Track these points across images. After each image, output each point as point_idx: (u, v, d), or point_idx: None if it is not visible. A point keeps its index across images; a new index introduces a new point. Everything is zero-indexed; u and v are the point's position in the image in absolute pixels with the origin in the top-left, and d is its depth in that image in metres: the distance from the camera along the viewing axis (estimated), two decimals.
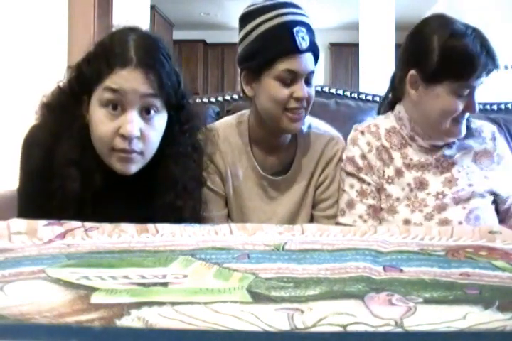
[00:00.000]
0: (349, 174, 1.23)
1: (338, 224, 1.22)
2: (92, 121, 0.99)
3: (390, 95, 1.34)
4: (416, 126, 1.21)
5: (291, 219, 1.26)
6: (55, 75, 1.05)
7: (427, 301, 0.52)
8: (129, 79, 0.96)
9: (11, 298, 0.53)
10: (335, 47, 7.96)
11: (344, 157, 1.25)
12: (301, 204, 1.27)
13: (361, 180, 1.22)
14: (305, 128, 1.27)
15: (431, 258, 0.69)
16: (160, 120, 1.01)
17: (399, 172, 1.21)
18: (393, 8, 5.48)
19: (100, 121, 0.97)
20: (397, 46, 5.71)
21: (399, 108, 1.26)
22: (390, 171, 1.21)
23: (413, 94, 1.18)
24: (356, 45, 6.04)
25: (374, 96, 1.86)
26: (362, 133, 1.25)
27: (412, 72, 1.16)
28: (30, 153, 1.02)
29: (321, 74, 7.89)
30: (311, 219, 1.28)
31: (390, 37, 5.52)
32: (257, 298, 0.53)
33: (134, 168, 1.00)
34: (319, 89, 1.80)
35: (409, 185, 1.19)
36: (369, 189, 1.21)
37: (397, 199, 1.19)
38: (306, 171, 1.27)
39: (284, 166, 1.28)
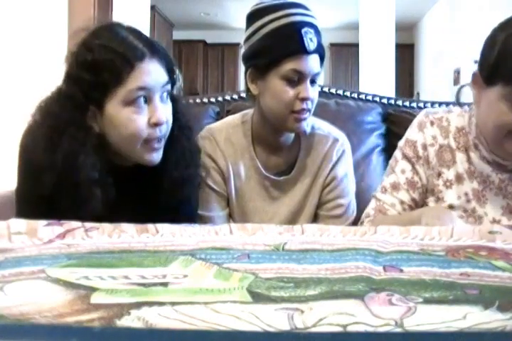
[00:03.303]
0: (406, 157, 1.16)
1: (374, 197, 1.19)
2: (115, 124, 0.99)
3: None
4: (480, 133, 1.09)
5: (293, 220, 1.26)
6: (55, 76, 1.05)
7: (427, 301, 0.52)
8: (150, 71, 0.98)
9: (11, 298, 0.53)
10: (335, 47, 7.97)
11: (405, 138, 1.19)
12: (303, 204, 1.27)
13: (415, 171, 1.15)
14: (308, 129, 1.27)
15: (431, 258, 0.69)
16: (170, 103, 1.06)
17: (459, 178, 1.11)
18: (393, 8, 5.49)
19: (129, 119, 0.98)
20: (397, 46, 5.76)
21: (473, 111, 1.13)
22: (450, 174, 1.12)
23: (474, 95, 1.06)
24: (356, 45, 6.05)
25: (374, 96, 1.86)
26: (432, 123, 1.15)
27: (475, 70, 1.05)
28: (41, 179, 0.98)
29: (321, 74, 7.93)
30: (314, 220, 1.28)
31: (390, 37, 5.53)
32: (257, 297, 0.53)
33: (160, 155, 1.04)
34: (319, 89, 1.80)
35: (466, 194, 1.10)
36: (419, 183, 1.15)
37: (451, 206, 1.10)
38: (309, 172, 1.27)
39: (287, 166, 1.28)
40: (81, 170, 0.97)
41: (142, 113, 0.99)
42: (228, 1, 6.65)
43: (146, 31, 1.08)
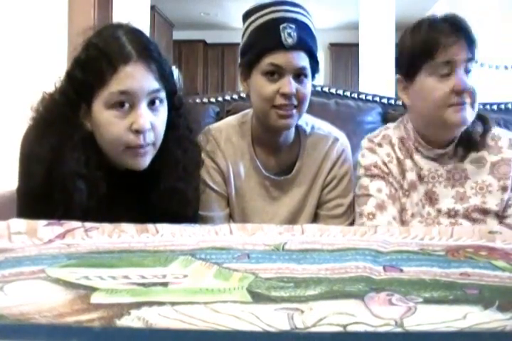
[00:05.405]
0: (376, 177, 1.18)
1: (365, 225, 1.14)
2: (99, 124, 0.98)
3: None
4: (418, 136, 1.18)
5: (293, 220, 1.26)
6: (55, 76, 1.05)
7: (426, 301, 0.52)
8: (134, 76, 0.96)
9: (11, 298, 0.53)
10: (335, 47, 7.96)
11: (362, 166, 1.21)
12: (303, 204, 1.27)
13: (390, 184, 1.17)
14: (308, 129, 1.28)
15: (431, 258, 0.69)
16: (163, 109, 1.03)
17: (413, 186, 1.17)
18: (393, 8, 5.48)
19: (110, 122, 0.97)
20: (397, 46, 5.75)
21: (406, 118, 1.23)
22: (405, 184, 1.18)
23: (405, 99, 1.17)
24: (356, 45, 6.04)
25: (374, 96, 1.86)
26: (379, 145, 1.21)
27: (397, 76, 1.17)
28: (30, 170, 0.99)
29: (321, 74, 7.89)
30: (314, 220, 1.28)
31: (390, 37, 5.52)
32: (257, 297, 0.53)
33: (147, 161, 1.02)
34: (319, 89, 1.80)
35: (420, 200, 1.16)
36: (396, 195, 1.17)
37: (412, 214, 1.16)
38: (309, 172, 1.27)
39: (287, 167, 1.27)
40: (65, 162, 0.97)
41: (123, 117, 0.97)
42: (228, 1, 6.64)
43: (146, 31, 1.06)
